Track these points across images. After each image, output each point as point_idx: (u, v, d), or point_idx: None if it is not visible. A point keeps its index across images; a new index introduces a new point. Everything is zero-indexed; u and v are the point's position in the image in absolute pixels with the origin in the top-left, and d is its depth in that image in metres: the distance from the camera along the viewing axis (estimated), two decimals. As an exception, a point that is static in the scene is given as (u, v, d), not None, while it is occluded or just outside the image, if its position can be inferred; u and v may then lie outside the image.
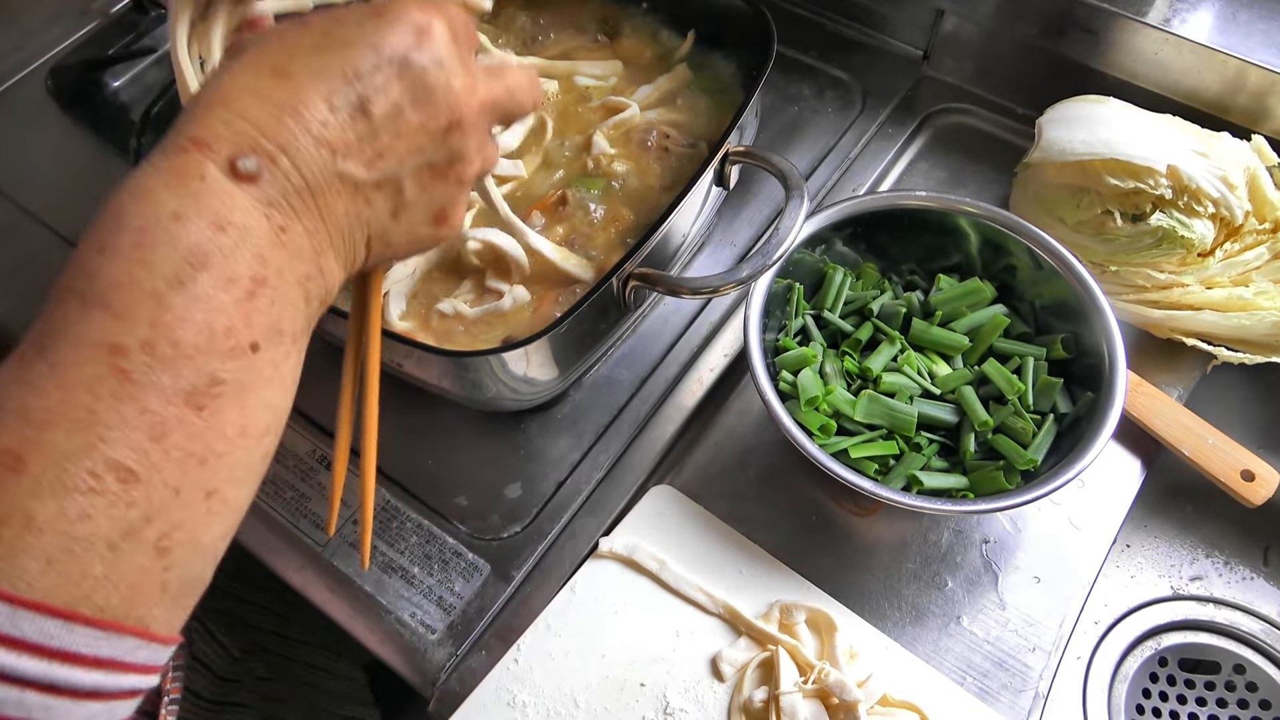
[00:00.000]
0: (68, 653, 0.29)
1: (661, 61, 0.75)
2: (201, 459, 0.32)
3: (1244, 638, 0.87)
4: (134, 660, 0.32)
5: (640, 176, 0.70)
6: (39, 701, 0.29)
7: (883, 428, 0.66)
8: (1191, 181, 0.66)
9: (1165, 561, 0.90)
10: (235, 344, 0.33)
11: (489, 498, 0.71)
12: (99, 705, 0.31)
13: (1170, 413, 0.69)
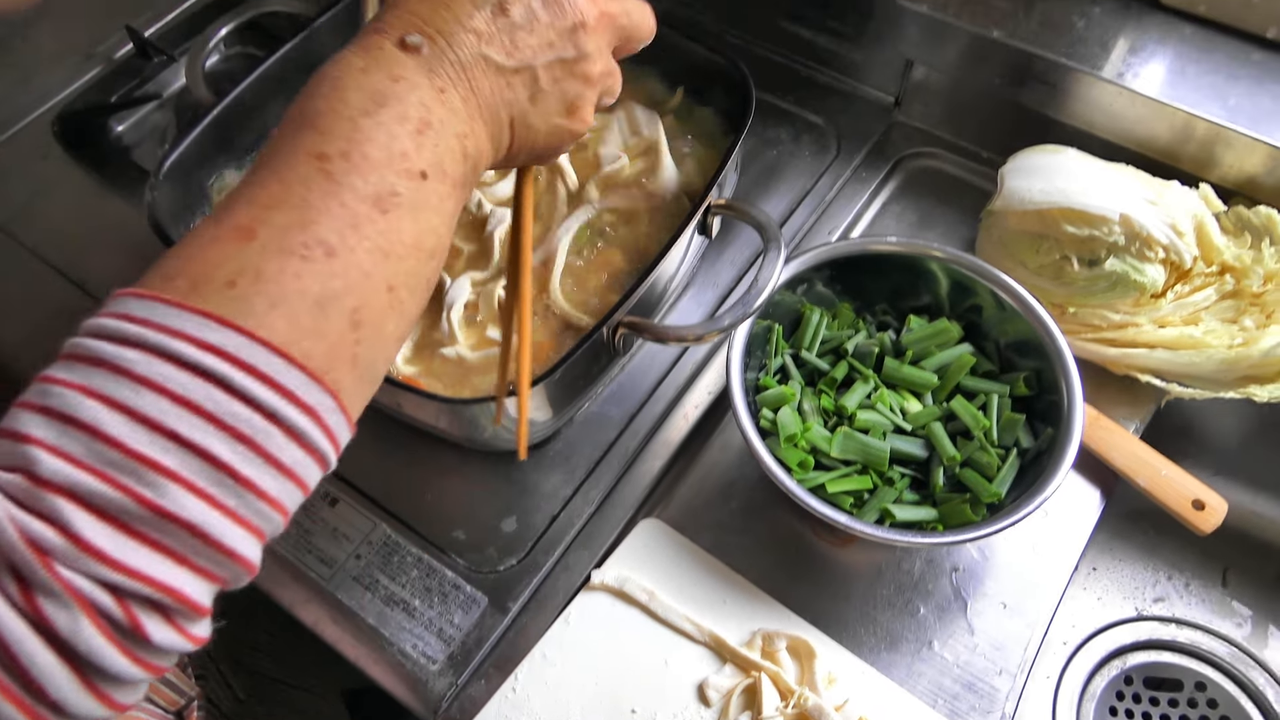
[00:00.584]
0: (284, 388, 0.35)
1: (648, 103, 0.79)
2: (386, 253, 0.39)
3: (1205, 656, 0.91)
4: (328, 421, 0.37)
5: (629, 224, 0.74)
6: (264, 427, 0.34)
7: (858, 463, 0.70)
8: (1143, 229, 0.71)
9: (1129, 583, 0.95)
10: (409, 167, 0.40)
11: (486, 532, 0.74)
12: (301, 453, 0.36)
13: (1126, 445, 0.74)
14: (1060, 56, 0.81)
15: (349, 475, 0.77)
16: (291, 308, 0.36)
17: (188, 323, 0.34)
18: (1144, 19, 0.84)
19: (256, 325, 0.35)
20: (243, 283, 0.36)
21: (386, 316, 0.40)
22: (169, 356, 0.33)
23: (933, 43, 0.88)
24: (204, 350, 0.34)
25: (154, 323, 0.34)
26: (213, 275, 0.36)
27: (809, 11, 0.96)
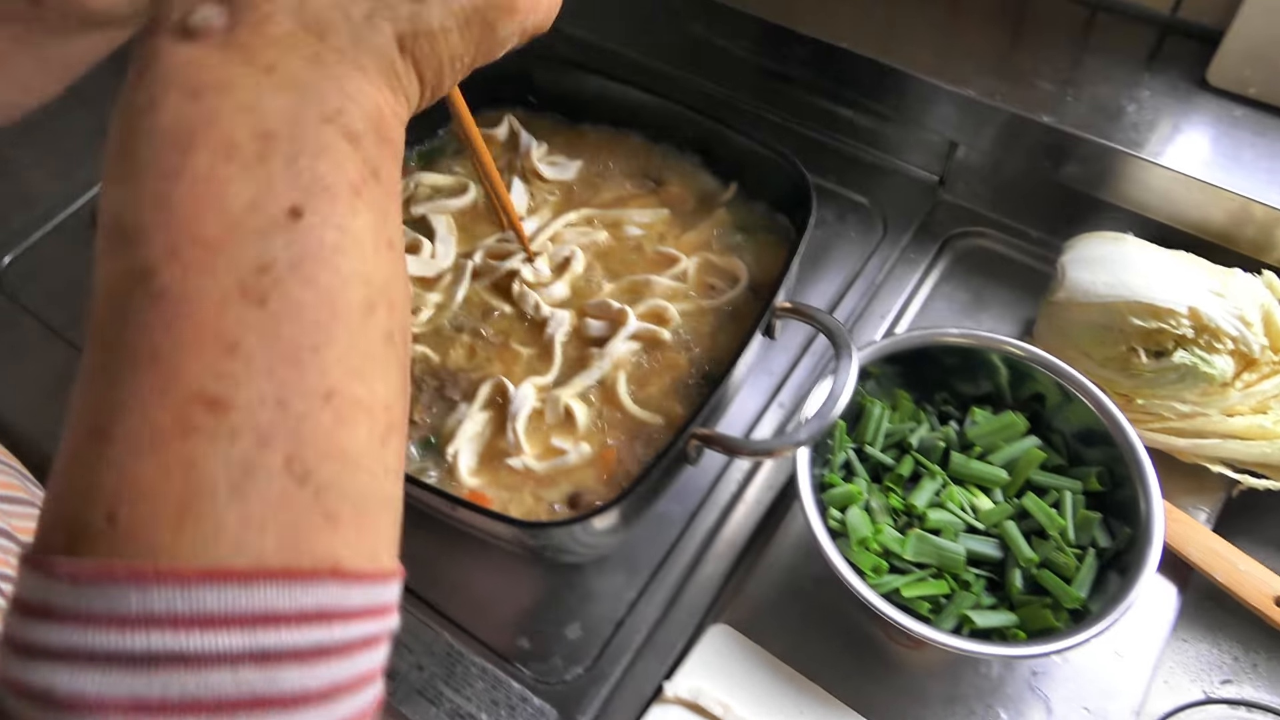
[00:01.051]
0: (267, 614, 0.25)
1: (703, 205, 0.79)
2: (293, 359, 0.27)
3: (1277, 738, 0.89)
4: (345, 605, 0.27)
5: (690, 323, 0.73)
6: (258, 675, 0.25)
7: (932, 566, 0.69)
8: (1211, 321, 0.70)
9: (1195, 665, 0.93)
10: (268, 216, 0.27)
11: (550, 639, 0.73)
12: (339, 662, 0.27)
13: (1201, 539, 0.72)
14: (1112, 141, 0.81)
15: (410, 584, 0.75)
16: (201, 514, 0.25)
17: (85, 598, 0.24)
18: (1193, 100, 0.84)
19: (171, 557, 0.25)
20: (124, 510, 0.25)
21: (340, 435, 0.28)
22: (95, 658, 0.24)
23: (979, 126, 0.87)
24: (131, 630, 0.24)
25: (49, 611, 0.24)
26: (86, 514, 0.25)
27: (847, 92, 0.96)
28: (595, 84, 0.82)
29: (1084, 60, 0.88)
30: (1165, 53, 0.88)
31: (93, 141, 1.06)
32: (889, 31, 0.93)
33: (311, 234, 0.28)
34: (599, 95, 0.83)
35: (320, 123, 0.29)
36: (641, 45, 1.07)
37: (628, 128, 0.83)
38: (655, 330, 0.71)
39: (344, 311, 0.28)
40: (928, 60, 0.89)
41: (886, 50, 0.91)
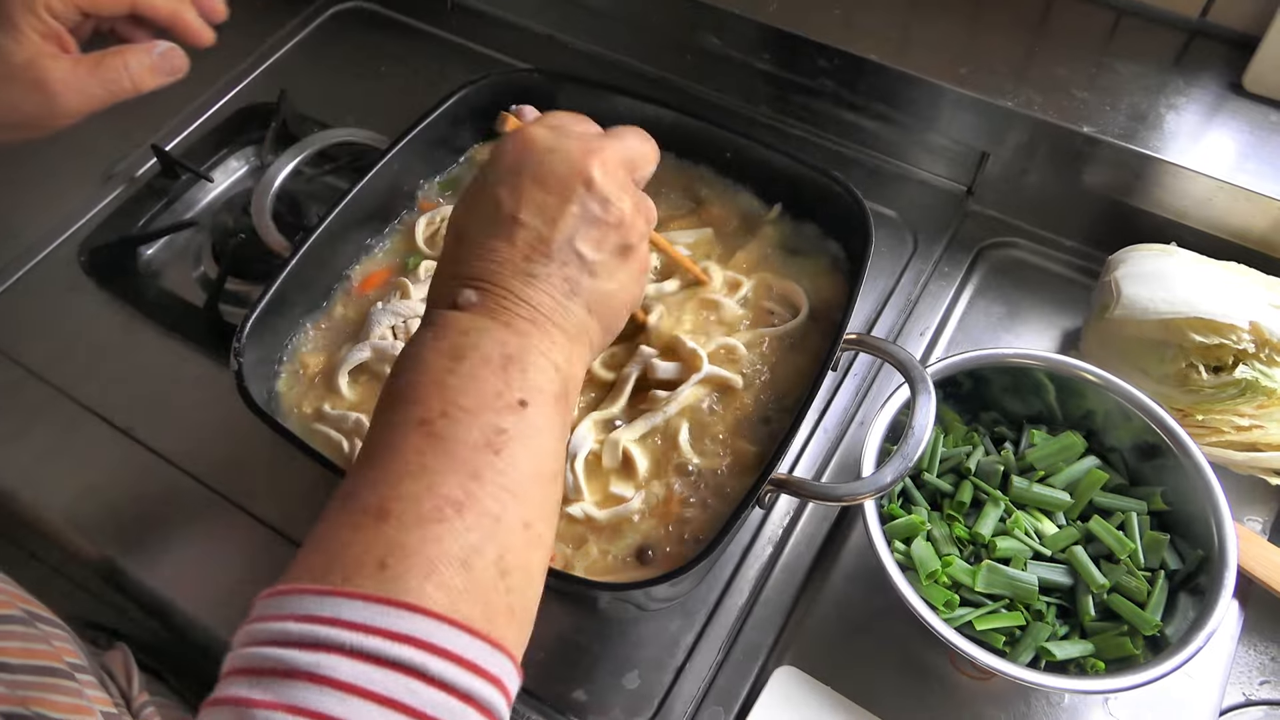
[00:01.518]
0: (471, 663, 0.37)
1: (745, 225, 0.76)
2: (511, 492, 0.41)
3: (1320, 739, 0.89)
4: (508, 686, 0.39)
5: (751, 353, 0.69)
6: (460, 709, 0.36)
7: (1004, 597, 0.67)
8: (1273, 335, 0.69)
9: (1241, 667, 0.93)
10: (506, 402, 0.43)
11: (608, 690, 0.70)
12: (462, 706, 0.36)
13: (1265, 555, 0.72)
14: (1154, 150, 0.79)
15: (453, 634, 0.72)
16: (442, 575, 0.38)
17: (366, 613, 0.36)
18: (1227, 105, 0.83)
19: (421, 599, 0.37)
20: (392, 562, 0.37)
21: (529, 554, 0.42)
22: (363, 655, 0.35)
23: (1012, 135, 0.86)
24: (395, 641, 0.35)
25: (337, 620, 0.35)
26: (364, 560, 0.37)
27: (871, 102, 0.93)
28: (623, 104, 0.78)
29: (1112, 66, 0.86)
30: (1193, 57, 0.87)
31: (72, 178, 1.00)
32: (907, 39, 0.91)
33: (530, 419, 0.44)
34: (625, 115, 0.79)
35: (539, 355, 0.46)
36: (658, 61, 1.04)
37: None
38: (727, 378, 0.67)
39: (540, 472, 0.43)
40: (952, 69, 0.87)
41: (905, 59, 0.89)
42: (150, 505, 0.80)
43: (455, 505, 0.39)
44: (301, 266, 0.69)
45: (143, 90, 0.63)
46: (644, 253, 0.52)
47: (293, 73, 1.10)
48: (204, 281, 0.94)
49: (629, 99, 0.77)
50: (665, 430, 0.66)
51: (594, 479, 0.65)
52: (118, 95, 0.63)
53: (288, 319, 0.71)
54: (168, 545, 0.78)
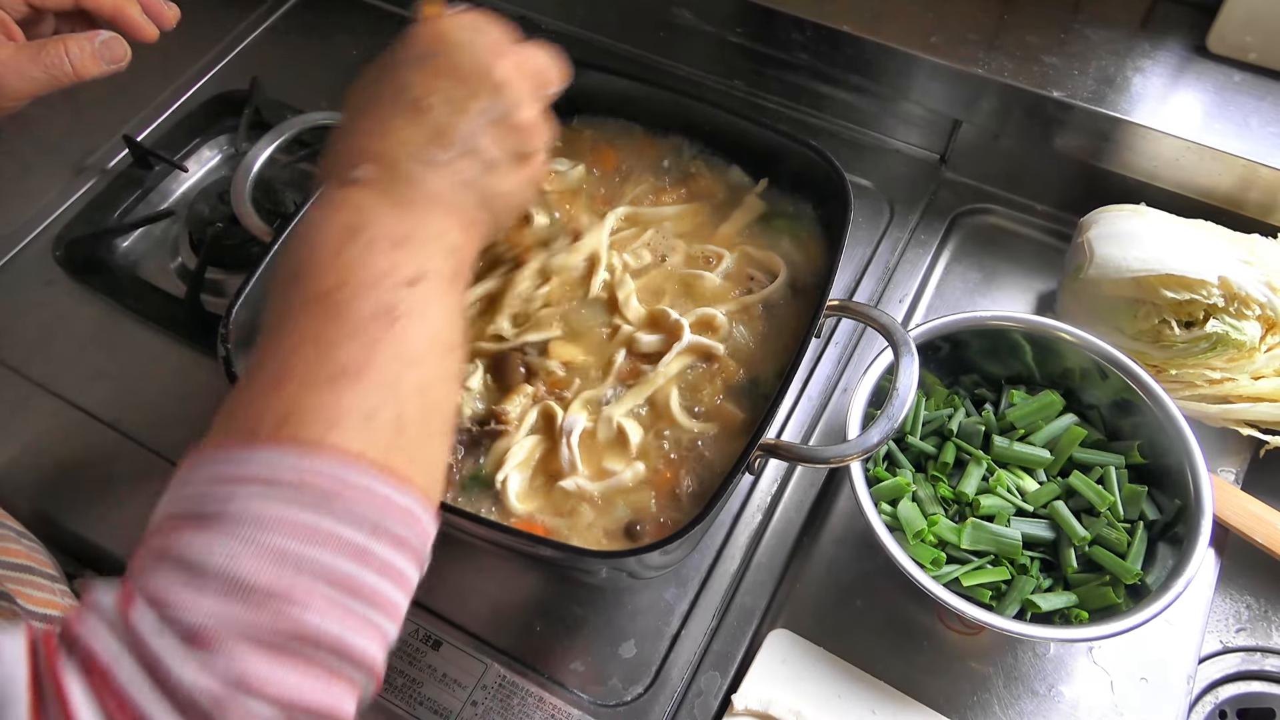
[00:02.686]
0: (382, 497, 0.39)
1: (732, 197, 0.76)
2: (406, 361, 0.43)
3: (1294, 682, 0.92)
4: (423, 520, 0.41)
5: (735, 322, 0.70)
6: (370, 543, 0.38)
7: (990, 553, 0.69)
8: (1241, 289, 0.71)
9: (1216, 616, 0.95)
10: (397, 279, 0.44)
11: (604, 660, 0.71)
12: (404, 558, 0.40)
13: (1239, 503, 0.74)
14: (1122, 113, 0.81)
15: (449, 613, 0.73)
16: (343, 428, 0.40)
17: (274, 458, 0.38)
18: (1192, 67, 0.84)
19: (325, 444, 0.39)
20: (294, 419, 0.39)
21: (428, 418, 0.44)
22: (276, 492, 0.37)
23: (984, 103, 0.87)
24: (307, 477, 0.37)
25: (245, 473, 0.38)
26: (265, 419, 0.39)
27: (844, 74, 0.94)
28: (599, 80, 0.78)
29: (1080, 32, 0.88)
30: (1158, 21, 0.88)
31: (44, 171, 0.99)
32: (879, 10, 0.91)
33: (422, 295, 0.45)
34: (603, 89, 0.79)
35: (431, 239, 0.47)
36: (632, 38, 1.04)
37: (633, 122, 0.80)
38: (709, 345, 0.68)
39: (435, 343, 0.45)
40: (923, 38, 0.88)
41: (879, 29, 0.90)
42: (138, 494, 0.80)
43: (353, 371, 0.41)
44: (284, 251, 0.69)
45: (84, 77, 0.63)
46: (539, 163, 0.54)
47: (264, 59, 1.09)
48: (182, 272, 0.94)
49: (606, 75, 0.77)
50: (655, 400, 0.67)
51: (589, 454, 0.66)
52: (59, 80, 0.63)
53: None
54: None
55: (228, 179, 0.97)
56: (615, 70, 0.77)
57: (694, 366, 0.68)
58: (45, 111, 1.00)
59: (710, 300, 0.71)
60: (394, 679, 0.70)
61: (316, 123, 0.78)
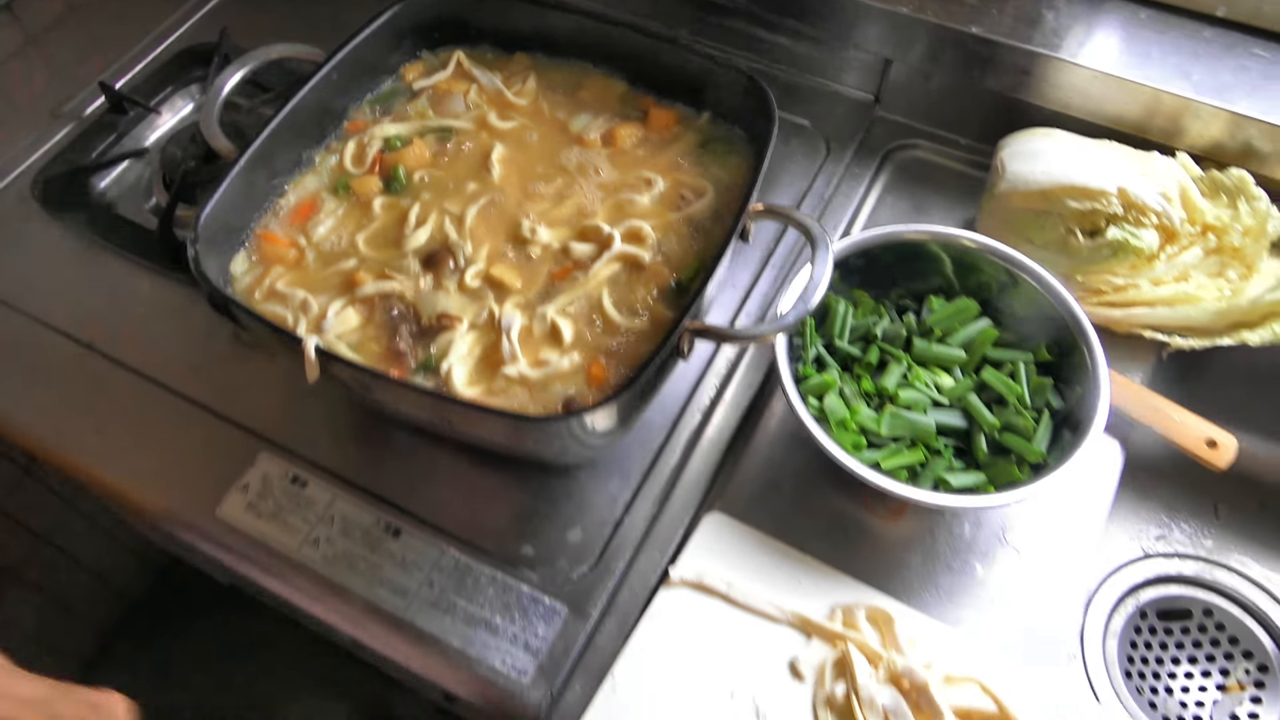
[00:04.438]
0: None
1: (672, 128, 0.82)
2: None
3: (1208, 584, 0.98)
4: None
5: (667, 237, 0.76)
6: None
7: (906, 438, 0.74)
8: (1138, 198, 0.77)
9: (1133, 527, 1.01)
10: None
11: (553, 545, 0.76)
12: None
13: (1141, 397, 0.80)
14: (1036, 46, 0.87)
15: (406, 504, 0.78)
16: None
17: None
18: (1102, 6, 0.91)
19: None
20: None
21: None
22: None
23: (911, 42, 0.93)
24: None
25: None
26: None
27: (782, 19, 1.00)
28: (551, 17, 0.84)
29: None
30: (1071, -35, 0.95)
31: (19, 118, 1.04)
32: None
33: None
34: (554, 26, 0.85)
35: None
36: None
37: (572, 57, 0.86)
38: (636, 253, 0.74)
39: None
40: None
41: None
42: (115, 410, 0.84)
43: None
44: (247, 169, 0.74)
45: None
46: None
47: (233, 12, 1.14)
48: (155, 210, 0.99)
49: (557, 12, 0.83)
50: (588, 300, 0.72)
51: (527, 347, 0.71)
52: None
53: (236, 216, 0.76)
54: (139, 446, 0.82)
55: (196, 124, 1.02)
56: (566, 7, 0.83)
57: (626, 272, 0.74)
58: (21, 64, 1.05)
59: (642, 219, 0.77)
60: (356, 564, 0.75)
61: (282, 54, 0.83)
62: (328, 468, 0.80)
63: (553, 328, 0.71)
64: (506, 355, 0.69)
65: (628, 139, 0.81)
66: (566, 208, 0.78)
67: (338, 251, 0.76)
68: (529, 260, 0.75)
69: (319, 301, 0.72)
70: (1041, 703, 0.65)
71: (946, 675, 0.66)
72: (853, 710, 0.65)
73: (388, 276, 0.73)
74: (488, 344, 0.71)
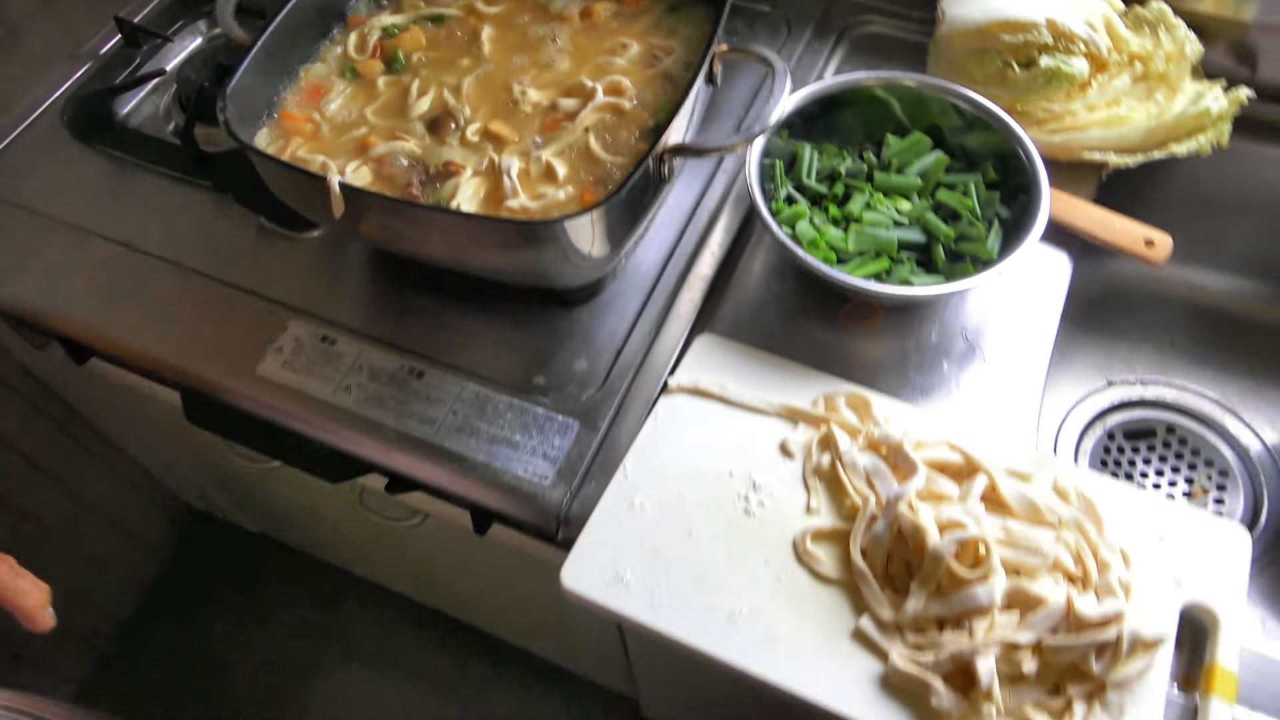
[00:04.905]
0: None
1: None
2: None
3: (1169, 404, 1.07)
4: None
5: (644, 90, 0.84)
6: None
7: (871, 251, 0.83)
8: (1066, 28, 0.85)
9: (1098, 360, 1.10)
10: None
11: (562, 374, 0.84)
12: None
13: (1083, 209, 0.88)
14: (967, -91, 0.95)
15: (427, 351, 0.86)
16: None
17: None
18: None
19: None
20: None
21: None
22: None
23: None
24: None
25: None
26: None
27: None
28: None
29: None
30: None
31: (39, 61, 1.12)
32: None
33: None
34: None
35: None
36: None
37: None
38: (617, 103, 0.82)
39: None
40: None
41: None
42: (157, 298, 0.93)
43: None
44: (263, 52, 0.82)
45: None
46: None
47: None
48: (176, 133, 1.07)
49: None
50: (577, 145, 0.81)
51: (526, 185, 0.79)
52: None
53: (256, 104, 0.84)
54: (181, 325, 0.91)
55: (212, 50, 1.10)
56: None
57: (610, 120, 0.82)
58: (38, 18, 1.13)
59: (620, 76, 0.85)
60: (386, 402, 0.83)
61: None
62: (353, 328, 0.88)
63: (548, 168, 0.79)
64: (508, 191, 0.77)
65: (602, 13, 0.90)
66: (551, 73, 0.86)
67: (349, 123, 0.84)
68: (522, 117, 0.83)
69: (337, 163, 0.80)
70: (1005, 453, 0.73)
71: (918, 441, 0.74)
72: (838, 475, 0.73)
73: (397, 137, 0.82)
74: (490, 185, 0.79)
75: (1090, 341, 1.11)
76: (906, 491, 0.69)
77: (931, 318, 0.86)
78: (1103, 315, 1.11)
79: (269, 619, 1.70)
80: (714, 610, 0.68)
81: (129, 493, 1.63)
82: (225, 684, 1.64)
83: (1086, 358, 1.10)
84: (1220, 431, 1.05)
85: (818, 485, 0.74)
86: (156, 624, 1.71)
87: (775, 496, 0.74)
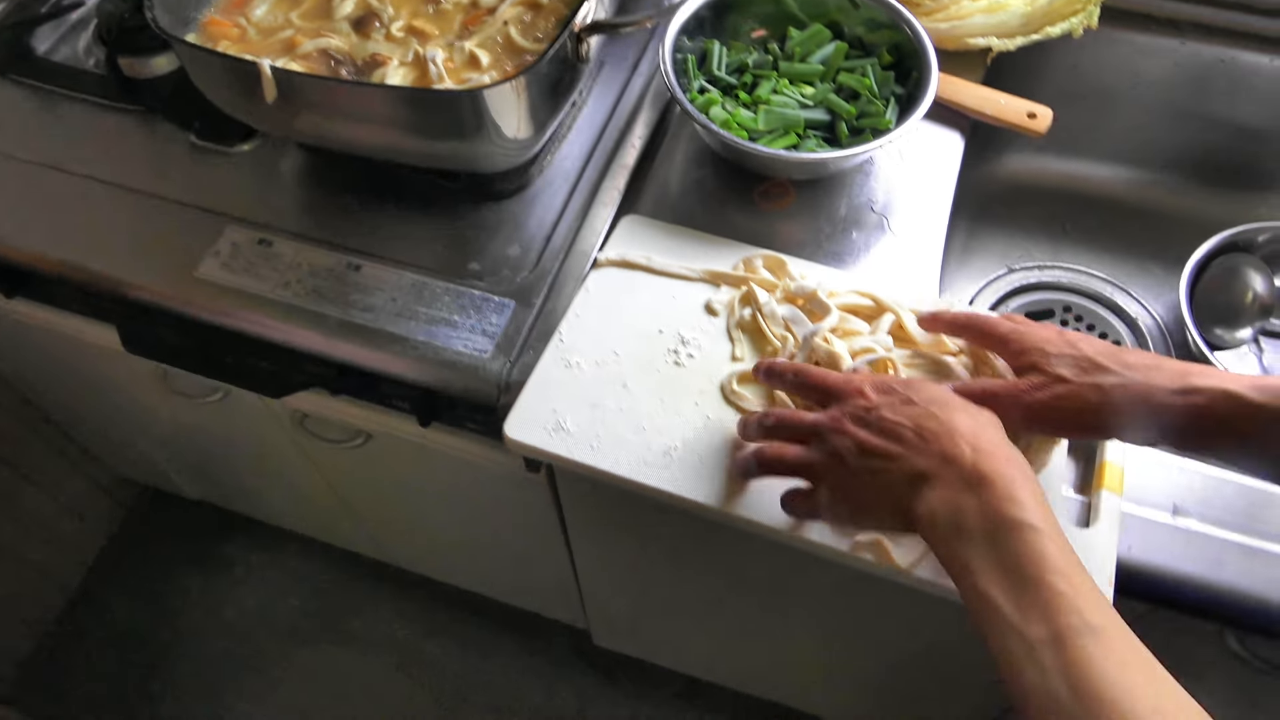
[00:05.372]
0: None
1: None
2: None
3: (1065, 286, 1.15)
4: None
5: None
6: None
7: (779, 129, 0.88)
8: (945, -80, 0.92)
9: (998, 251, 1.18)
10: None
11: (496, 259, 0.88)
12: None
13: (971, 90, 0.95)
14: None
15: (363, 247, 0.89)
16: None
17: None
18: None
19: None
20: None
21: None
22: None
23: None
24: None
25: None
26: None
27: None
28: None
29: None
30: None
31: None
32: None
33: None
34: None
35: None
36: None
37: None
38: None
39: None
40: None
41: None
42: (94, 216, 0.94)
43: None
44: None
45: None
46: None
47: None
48: (99, 66, 1.08)
49: None
50: (498, 37, 0.85)
51: (452, 74, 0.83)
52: None
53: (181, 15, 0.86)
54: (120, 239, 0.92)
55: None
56: None
57: (528, 13, 0.87)
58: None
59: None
60: (326, 293, 0.86)
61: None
62: (290, 230, 0.91)
63: (471, 56, 0.83)
64: (434, 77, 0.81)
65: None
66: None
67: (275, 26, 0.87)
68: (444, 13, 0.87)
69: (265, 61, 0.83)
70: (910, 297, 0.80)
71: (830, 291, 0.80)
72: (759, 325, 0.79)
73: (323, 35, 0.85)
74: (417, 74, 0.83)
75: (992, 234, 1.19)
76: (821, 328, 0.75)
77: (840, 193, 0.92)
78: (1002, 210, 1.19)
79: (219, 593, 1.70)
80: (650, 447, 0.73)
81: (74, 474, 1.61)
82: (168, 664, 1.64)
83: (989, 249, 1.18)
84: (1112, 307, 1.13)
85: (741, 336, 0.79)
86: (102, 603, 1.69)
87: (703, 349, 0.79)
